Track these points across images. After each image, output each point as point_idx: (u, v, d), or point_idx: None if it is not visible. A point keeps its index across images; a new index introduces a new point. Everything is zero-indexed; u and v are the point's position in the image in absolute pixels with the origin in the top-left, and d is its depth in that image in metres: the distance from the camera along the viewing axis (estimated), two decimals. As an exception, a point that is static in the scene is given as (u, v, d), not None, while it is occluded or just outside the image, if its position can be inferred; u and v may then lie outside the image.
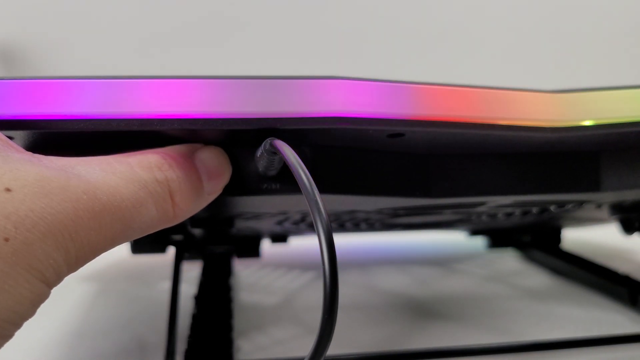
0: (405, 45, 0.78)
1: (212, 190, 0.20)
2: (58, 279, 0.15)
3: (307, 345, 0.14)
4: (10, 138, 0.19)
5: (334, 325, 0.14)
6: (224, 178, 0.20)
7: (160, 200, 0.17)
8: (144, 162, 0.18)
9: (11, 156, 0.15)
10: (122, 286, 0.41)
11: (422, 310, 0.35)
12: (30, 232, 0.14)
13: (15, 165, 0.15)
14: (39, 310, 0.15)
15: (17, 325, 0.14)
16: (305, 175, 0.16)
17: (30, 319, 0.14)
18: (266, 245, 0.44)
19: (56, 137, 0.19)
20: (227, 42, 0.75)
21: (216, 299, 0.31)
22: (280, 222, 0.34)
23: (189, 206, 0.19)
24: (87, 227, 0.15)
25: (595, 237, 0.55)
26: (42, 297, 0.14)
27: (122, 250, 0.41)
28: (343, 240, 0.47)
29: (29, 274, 0.14)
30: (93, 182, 0.16)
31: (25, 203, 0.14)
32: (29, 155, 0.16)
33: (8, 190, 0.14)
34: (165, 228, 0.19)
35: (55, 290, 0.15)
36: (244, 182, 0.21)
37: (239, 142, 0.21)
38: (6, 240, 0.13)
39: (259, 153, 0.19)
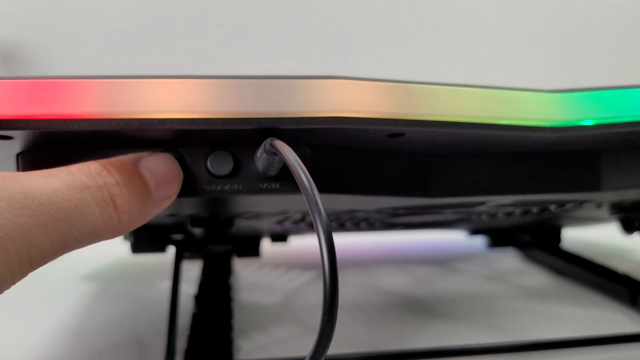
0: (404, 45, 0.78)
1: (163, 195, 0.20)
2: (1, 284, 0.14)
3: (307, 345, 0.14)
4: (10, 138, 0.19)
5: (334, 325, 0.14)
6: (175, 183, 0.20)
7: (103, 203, 0.17)
8: (84, 169, 0.18)
9: None
10: (122, 286, 0.41)
11: (422, 309, 0.35)
12: None
13: None
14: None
15: None
16: (305, 175, 0.16)
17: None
18: (266, 245, 0.44)
19: (56, 137, 0.19)
20: (227, 42, 0.74)
21: (216, 298, 0.31)
22: (280, 222, 0.34)
23: (134, 211, 0.19)
24: (26, 224, 0.15)
25: (595, 236, 0.55)
26: None
27: (122, 250, 0.41)
28: (343, 240, 0.47)
29: None
30: (32, 184, 0.16)
31: None
32: None
33: None
34: (117, 236, 0.18)
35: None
36: (243, 182, 0.21)
37: (238, 141, 0.21)
38: None
39: (258, 153, 0.19)
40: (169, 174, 0.20)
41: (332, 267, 0.14)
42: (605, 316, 0.33)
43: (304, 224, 0.35)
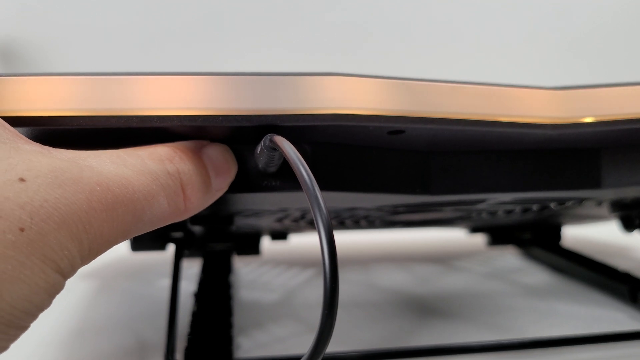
0: (405, 42, 0.78)
1: (219, 186, 0.20)
2: (72, 270, 0.15)
3: (307, 343, 0.14)
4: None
5: (334, 323, 0.14)
6: (231, 175, 0.20)
7: (172, 192, 0.17)
8: (155, 155, 0.18)
9: (22, 147, 0.15)
10: (122, 284, 0.41)
11: (422, 307, 0.35)
12: (45, 222, 0.14)
13: (27, 156, 0.15)
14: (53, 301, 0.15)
15: (33, 315, 0.14)
16: (306, 171, 0.16)
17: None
18: (266, 243, 0.44)
19: (56, 134, 0.19)
20: (228, 40, 0.74)
21: (216, 296, 0.31)
22: (280, 220, 0.34)
23: (199, 200, 0.19)
24: (100, 218, 0.15)
25: (595, 234, 0.55)
26: (57, 287, 0.14)
27: (122, 248, 0.41)
28: (343, 238, 0.47)
29: (44, 264, 0.14)
30: (105, 173, 0.16)
31: (39, 193, 0.14)
32: (39, 146, 0.16)
33: (22, 180, 0.14)
34: (173, 223, 0.19)
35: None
36: (243, 179, 0.21)
37: (239, 138, 0.21)
38: (21, 230, 0.13)
39: (258, 149, 0.19)
40: (226, 165, 0.20)
41: (332, 263, 0.14)
42: (606, 314, 0.33)
43: (304, 222, 0.35)
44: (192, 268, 0.39)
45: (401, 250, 0.53)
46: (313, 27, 0.77)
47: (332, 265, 0.14)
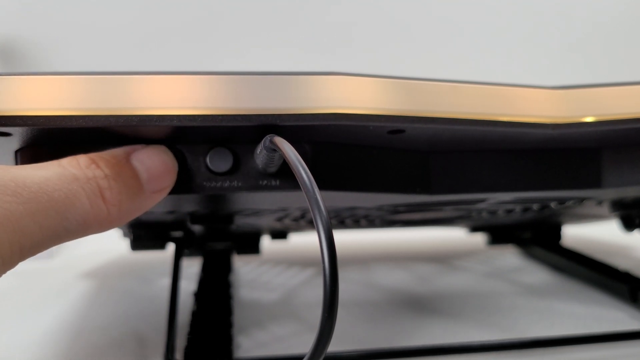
0: (405, 42, 0.78)
1: (156, 188, 0.20)
2: None
3: (307, 342, 0.14)
4: (8, 134, 0.19)
5: (334, 323, 0.14)
6: (168, 176, 0.20)
7: (92, 195, 0.17)
8: (73, 162, 0.18)
9: None
10: (122, 283, 0.41)
11: (422, 307, 0.35)
12: None
13: None
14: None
15: None
16: (305, 172, 0.16)
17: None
18: (266, 242, 0.44)
19: (54, 134, 0.19)
20: (227, 38, 0.74)
21: (216, 295, 0.31)
22: (280, 219, 0.34)
23: (124, 204, 0.18)
24: (16, 211, 0.15)
25: (595, 233, 0.55)
26: None
27: (122, 247, 0.41)
28: (343, 237, 0.47)
29: None
30: (22, 173, 0.16)
31: None
32: None
33: None
34: (109, 229, 0.18)
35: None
36: (243, 179, 0.21)
37: (238, 138, 0.21)
38: None
39: (258, 150, 0.19)
40: (162, 167, 0.20)
41: (332, 264, 0.14)
42: (606, 313, 0.33)
43: (304, 221, 0.35)
44: (192, 267, 0.39)
45: (401, 250, 0.53)
46: (313, 27, 0.77)
47: (331, 266, 0.14)
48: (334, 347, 0.16)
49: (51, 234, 0.16)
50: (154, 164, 0.20)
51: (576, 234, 0.54)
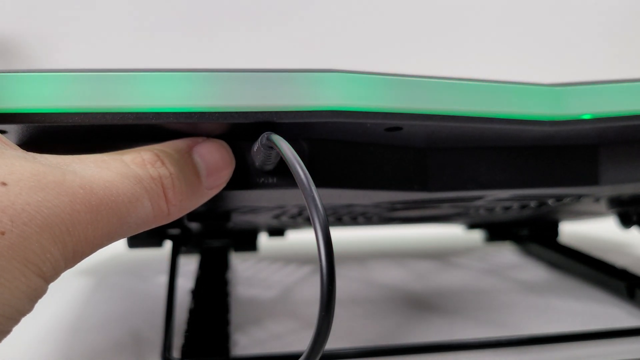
0: (403, 39, 0.78)
1: (213, 185, 0.20)
2: (55, 273, 0.15)
3: (304, 340, 0.14)
4: (4, 132, 0.18)
5: (332, 321, 0.14)
6: (226, 172, 0.20)
7: (155, 196, 0.17)
8: (138, 159, 0.18)
9: (5, 152, 0.15)
10: (119, 280, 0.41)
11: (419, 304, 0.35)
12: (27, 225, 0.13)
13: (10, 161, 0.15)
14: (35, 305, 0.14)
15: (15, 320, 0.14)
16: (302, 169, 0.16)
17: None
18: (263, 239, 0.44)
19: (51, 132, 0.19)
20: (226, 36, 0.74)
21: (213, 293, 0.31)
22: (277, 216, 0.34)
23: (183, 203, 0.18)
24: (84, 220, 0.15)
25: (592, 230, 0.56)
26: (40, 291, 0.14)
27: (119, 245, 0.40)
28: (340, 234, 0.47)
29: (26, 268, 0.13)
30: (88, 177, 0.16)
31: (21, 197, 0.14)
32: (23, 152, 0.16)
33: (4, 184, 0.14)
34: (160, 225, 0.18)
35: (51, 285, 0.15)
36: (240, 176, 0.21)
37: (235, 135, 0.20)
38: (2, 233, 0.13)
39: (255, 147, 0.19)
40: (221, 163, 0.20)
41: (329, 262, 0.14)
42: (603, 310, 0.33)
43: (302, 218, 0.35)
44: (189, 265, 0.39)
45: (398, 247, 0.53)
46: (311, 24, 0.76)
47: (329, 264, 0.14)
48: (331, 344, 0.16)
49: (109, 238, 0.16)
50: (214, 160, 0.19)
51: (574, 231, 0.54)
